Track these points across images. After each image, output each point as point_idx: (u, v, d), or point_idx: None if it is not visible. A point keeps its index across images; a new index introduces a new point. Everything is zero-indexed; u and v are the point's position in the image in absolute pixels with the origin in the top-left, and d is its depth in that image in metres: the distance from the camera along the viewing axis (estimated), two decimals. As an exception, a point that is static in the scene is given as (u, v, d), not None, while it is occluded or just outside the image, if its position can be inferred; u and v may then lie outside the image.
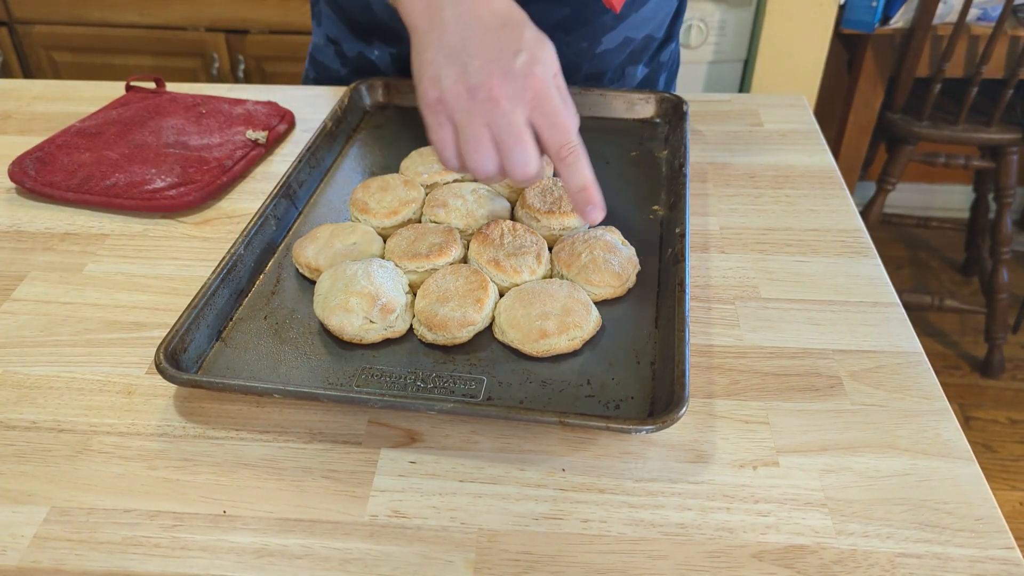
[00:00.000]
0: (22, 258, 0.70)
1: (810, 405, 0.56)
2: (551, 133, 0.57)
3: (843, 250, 0.71)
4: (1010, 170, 1.80)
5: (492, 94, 0.55)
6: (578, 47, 0.90)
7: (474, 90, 0.55)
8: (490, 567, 0.46)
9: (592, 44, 0.90)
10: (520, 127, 0.55)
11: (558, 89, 0.58)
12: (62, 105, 0.95)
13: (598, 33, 0.90)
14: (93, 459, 0.53)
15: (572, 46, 0.89)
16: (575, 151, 0.57)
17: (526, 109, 0.56)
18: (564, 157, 0.57)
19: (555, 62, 0.58)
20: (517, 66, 0.56)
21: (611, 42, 0.91)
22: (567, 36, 0.88)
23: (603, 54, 0.92)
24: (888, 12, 1.69)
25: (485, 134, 0.56)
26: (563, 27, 0.87)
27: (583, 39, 0.89)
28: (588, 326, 0.58)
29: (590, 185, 0.58)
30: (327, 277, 0.62)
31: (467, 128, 0.56)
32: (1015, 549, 0.47)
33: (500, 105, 0.55)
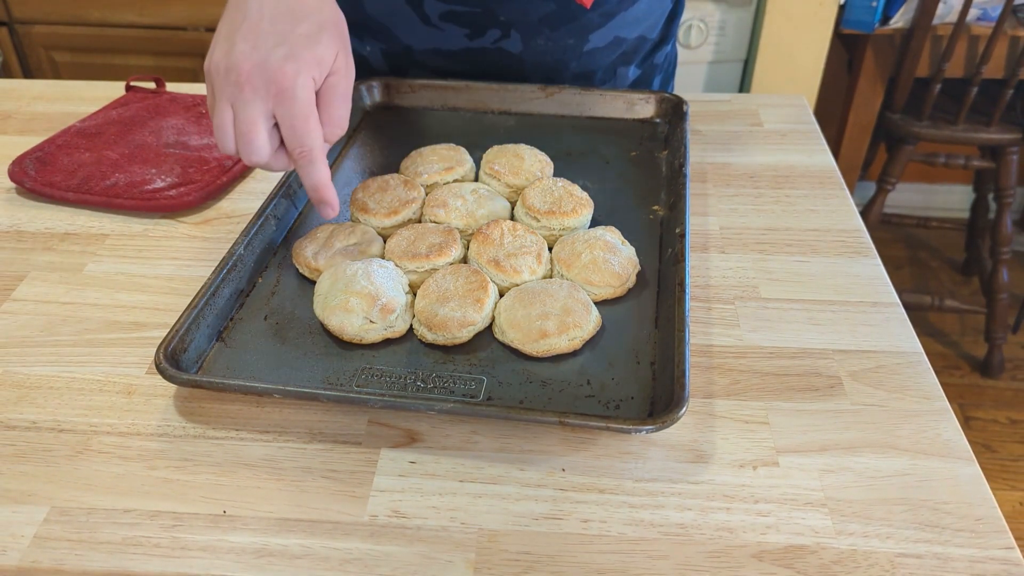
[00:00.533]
0: (22, 258, 0.70)
1: (810, 405, 0.56)
2: (288, 133, 0.58)
3: (843, 250, 0.71)
4: (1010, 170, 1.80)
5: (239, 79, 0.57)
6: (564, 43, 0.90)
7: (228, 71, 0.57)
8: (490, 567, 0.46)
9: (579, 42, 0.91)
10: (254, 116, 0.57)
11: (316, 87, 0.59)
12: (62, 105, 0.95)
13: (584, 31, 0.90)
14: (93, 459, 0.53)
15: (558, 43, 0.90)
16: (308, 155, 0.59)
17: (268, 102, 0.57)
18: (297, 159, 0.59)
19: (328, 60, 0.59)
20: (272, 58, 0.57)
21: (599, 40, 0.91)
22: (553, 32, 0.89)
23: (592, 52, 0.92)
24: (888, 12, 1.69)
25: (227, 112, 0.58)
26: (548, 23, 0.88)
27: (569, 36, 0.90)
28: (588, 326, 0.58)
29: (322, 187, 0.60)
30: (327, 277, 0.62)
31: (216, 104, 0.58)
32: (1015, 549, 0.47)
33: (243, 91, 0.57)
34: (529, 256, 0.64)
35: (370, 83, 0.90)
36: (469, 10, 0.87)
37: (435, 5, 0.87)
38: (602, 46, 0.92)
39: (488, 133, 0.85)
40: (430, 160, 0.76)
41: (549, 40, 0.89)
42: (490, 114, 0.89)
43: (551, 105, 0.88)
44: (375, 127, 0.88)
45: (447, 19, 0.88)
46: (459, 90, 0.89)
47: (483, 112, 0.89)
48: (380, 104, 0.91)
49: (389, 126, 0.88)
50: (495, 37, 0.89)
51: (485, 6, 0.87)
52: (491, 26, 0.89)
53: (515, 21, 0.88)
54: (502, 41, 0.90)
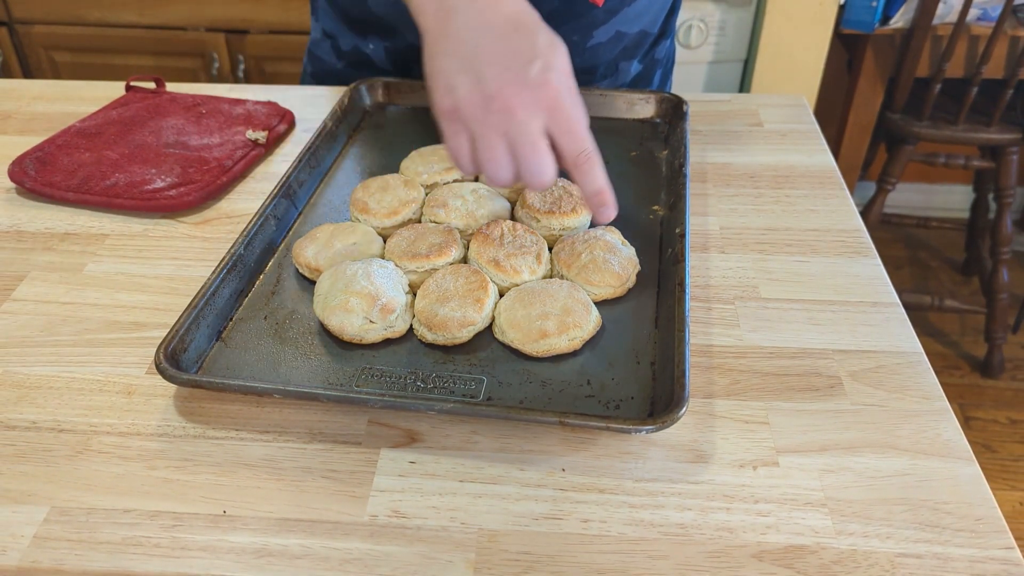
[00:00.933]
0: (22, 258, 0.70)
1: (810, 405, 0.56)
2: (566, 140, 0.57)
3: (843, 250, 0.71)
4: (1010, 170, 1.80)
5: (507, 104, 0.55)
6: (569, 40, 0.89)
7: (489, 100, 0.55)
8: (490, 567, 0.46)
9: (583, 38, 0.90)
10: (536, 136, 0.55)
11: (571, 92, 0.58)
12: (62, 105, 0.95)
13: (589, 27, 0.90)
14: (93, 459, 0.53)
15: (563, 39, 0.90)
16: (591, 158, 0.57)
17: (542, 118, 0.56)
18: (580, 164, 0.57)
19: (568, 65, 0.58)
20: (532, 74, 0.55)
21: (602, 36, 0.91)
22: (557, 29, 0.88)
23: (595, 48, 0.92)
24: (888, 12, 1.69)
25: (501, 144, 0.55)
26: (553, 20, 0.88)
27: (574, 32, 0.90)
28: (588, 326, 0.58)
29: (605, 190, 0.59)
30: (327, 277, 0.62)
31: (483, 138, 0.56)
32: (1015, 549, 0.47)
33: (516, 115, 0.55)
34: (529, 256, 0.64)
35: (370, 83, 0.90)
36: None
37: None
38: (604, 41, 0.92)
39: (488, 133, 0.85)
40: (430, 160, 0.76)
41: None
42: (490, 114, 0.89)
43: (551, 105, 0.88)
44: (375, 127, 0.88)
45: None
46: (459, 90, 0.89)
47: (483, 112, 0.89)
48: (380, 104, 0.91)
49: (389, 126, 0.88)
50: None
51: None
52: None
53: None
54: None
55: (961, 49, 1.70)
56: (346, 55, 0.97)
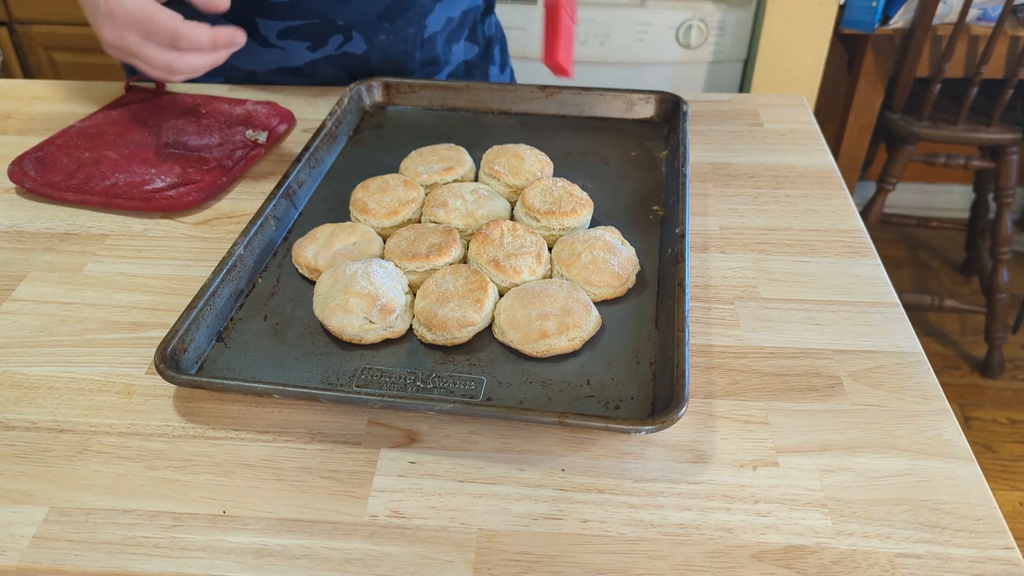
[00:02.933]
0: (22, 258, 0.70)
1: (810, 405, 0.56)
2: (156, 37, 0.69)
3: (843, 250, 0.70)
4: (1010, 170, 1.80)
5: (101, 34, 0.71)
6: (405, 33, 0.93)
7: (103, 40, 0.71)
8: (490, 567, 0.46)
9: (418, 29, 0.93)
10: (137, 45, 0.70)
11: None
12: (62, 105, 0.95)
13: (420, 17, 0.92)
14: (93, 459, 0.53)
15: (399, 34, 0.93)
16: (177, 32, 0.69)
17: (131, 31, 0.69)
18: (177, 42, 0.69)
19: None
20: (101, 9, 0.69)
21: (435, 24, 0.94)
22: (392, 25, 0.92)
23: (431, 38, 0.94)
24: (888, 12, 1.69)
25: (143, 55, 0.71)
26: (387, 16, 0.90)
27: (409, 25, 0.92)
28: (588, 326, 0.58)
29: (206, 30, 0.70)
30: (327, 277, 0.62)
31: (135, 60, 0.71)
32: (1015, 549, 0.47)
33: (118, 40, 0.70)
34: (529, 256, 0.64)
35: (370, 83, 0.90)
36: (306, 23, 0.88)
37: (270, 25, 0.88)
38: (438, 30, 0.95)
39: (488, 133, 0.85)
40: (430, 160, 0.76)
41: (391, 34, 0.91)
42: (490, 114, 0.89)
43: (551, 105, 0.88)
44: (375, 127, 0.88)
45: (286, 36, 0.90)
46: (459, 90, 0.89)
47: (483, 112, 0.89)
48: (380, 104, 0.91)
49: (389, 126, 0.88)
50: (338, 43, 0.91)
51: (322, 15, 0.88)
52: (332, 33, 0.90)
53: (355, 22, 0.89)
54: (345, 45, 0.92)
55: (961, 49, 1.70)
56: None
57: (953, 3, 1.63)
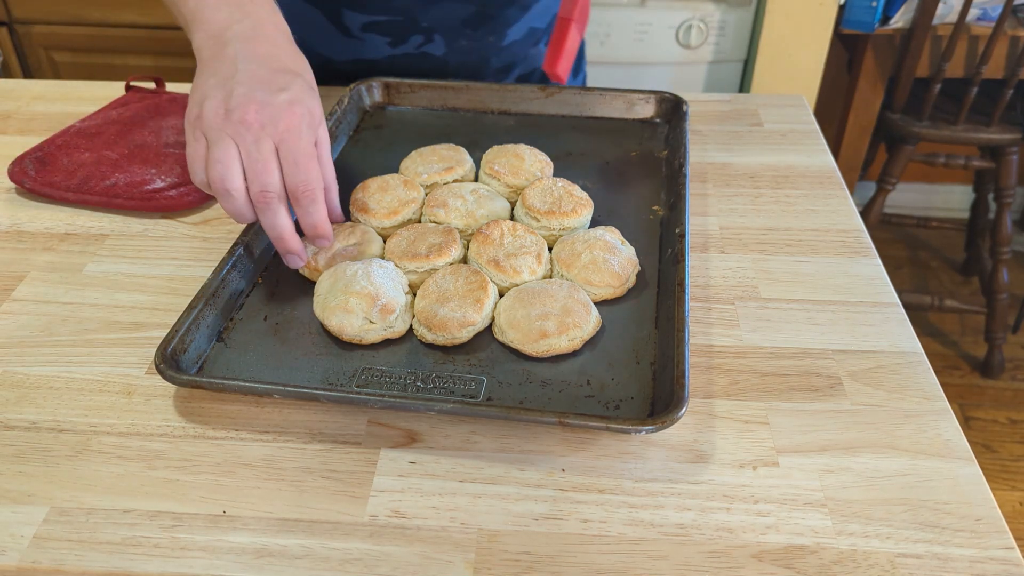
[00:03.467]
0: (22, 258, 0.70)
1: (810, 405, 0.56)
2: (292, 170, 0.59)
3: (843, 250, 0.70)
4: (1010, 170, 1.80)
5: (245, 117, 0.57)
6: (485, 42, 0.92)
7: (231, 112, 0.58)
8: (490, 567, 0.46)
9: (498, 38, 0.93)
10: (267, 153, 0.58)
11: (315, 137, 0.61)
12: (62, 105, 0.95)
13: (503, 27, 0.92)
14: (93, 459, 0.53)
15: (480, 41, 0.92)
16: (310, 193, 0.59)
17: (273, 140, 0.58)
18: (299, 197, 0.59)
19: (318, 114, 0.62)
20: (277, 101, 0.59)
21: (516, 34, 0.93)
22: (474, 32, 0.91)
23: (510, 46, 0.94)
24: (888, 12, 1.69)
25: (233, 152, 0.58)
26: (470, 24, 0.90)
27: (490, 33, 0.92)
28: (588, 326, 0.58)
29: (320, 226, 0.61)
30: (327, 277, 0.62)
31: (215, 144, 0.58)
32: (1015, 549, 0.47)
33: (252, 129, 0.58)
34: (529, 256, 0.64)
35: (370, 83, 0.90)
36: (390, 19, 0.88)
37: (355, 17, 0.88)
38: (519, 39, 0.94)
39: (488, 133, 0.85)
40: (430, 160, 0.76)
41: (472, 40, 0.91)
42: (490, 114, 0.89)
43: (551, 105, 0.88)
44: (375, 127, 0.88)
45: (368, 30, 0.90)
46: (459, 90, 0.89)
47: (483, 112, 0.89)
48: (380, 104, 0.91)
49: (389, 126, 0.88)
50: (418, 43, 0.91)
51: (407, 14, 0.88)
52: (413, 32, 0.90)
53: (437, 25, 0.89)
54: (425, 46, 0.91)
55: (961, 49, 1.70)
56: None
57: (953, 3, 1.63)
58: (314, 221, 0.61)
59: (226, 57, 0.61)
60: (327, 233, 0.62)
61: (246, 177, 0.58)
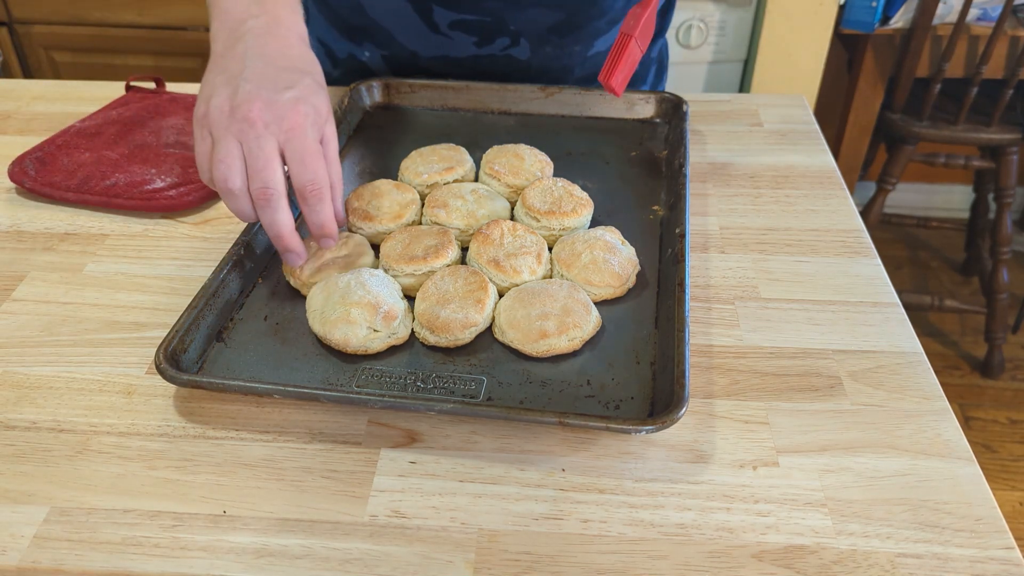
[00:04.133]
0: (22, 258, 0.70)
1: (810, 405, 0.56)
2: (298, 168, 0.58)
3: (843, 250, 0.71)
4: (1010, 170, 1.80)
5: (250, 116, 0.57)
6: (571, 50, 0.91)
7: (235, 109, 0.58)
8: (490, 567, 0.46)
9: (584, 48, 0.91)
10: (269, 151, 0.57)
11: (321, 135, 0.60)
12: (62, 105, 0.95)
13: (590, 37, 0.91)
14: (93, 459, 0.53)
15: (565, 49, 0.91)
16: (318, 191, 0.59)
17: (279, 138, 0.58)
18: (306, 195, 0.59)
19: (324, 111, 0.61)
20: (282, 99, 0.58)
21: (603, 45, 0.92)
22: (561, 40, 0.90)
23: (595, 57, 0.93)
24: (888, 12, 1.69)
25: (235, 148, 0.57)
26: (557, 31, 0.89)
27: (576, 43, 0.91)
28: (588, 326, 0.58)
29: (327, 225, 0.61)
30: (319, 292, 0.61)
31: (220, 141, 0.57)
32: (1015, 549, 0.47)
33: (255, 127, 0.57)
34: (529, 256, 0.64)
35: (370, 83, 0.90)
36: (479, 19, 0.88)
37: (445, 14, 0.88)
38: (604, 50, 0.93)
39: (488, 133, 0.85)
40: (430, 160, 0.76)
41: (557, 47, 0.90)
42: (490, 114, 0.89)
43: (551, 105, 0.88)
44: (375, 127, 0.88)
45: (456, 27, 0.89)
46: (459, 90, 0.90)
47: (483, 112, 0.89)
48: (380, 104, 0.91)
49: (389, 126, 0.88)
50: (504, 45, 0.90)
51: (495, 15, 0.87)
52: (500, 34, 0.89)
53: (524, 30, 0.89)
54: (511, 49, 0.90)
55: (961, 49, 1.70)
56: (342, 63, 0.97)
57: (953, 3, 1.63)
58: (321, 220, 0.60)
59: (236, 54, 0.61)
60: (333, 232, 0.61)
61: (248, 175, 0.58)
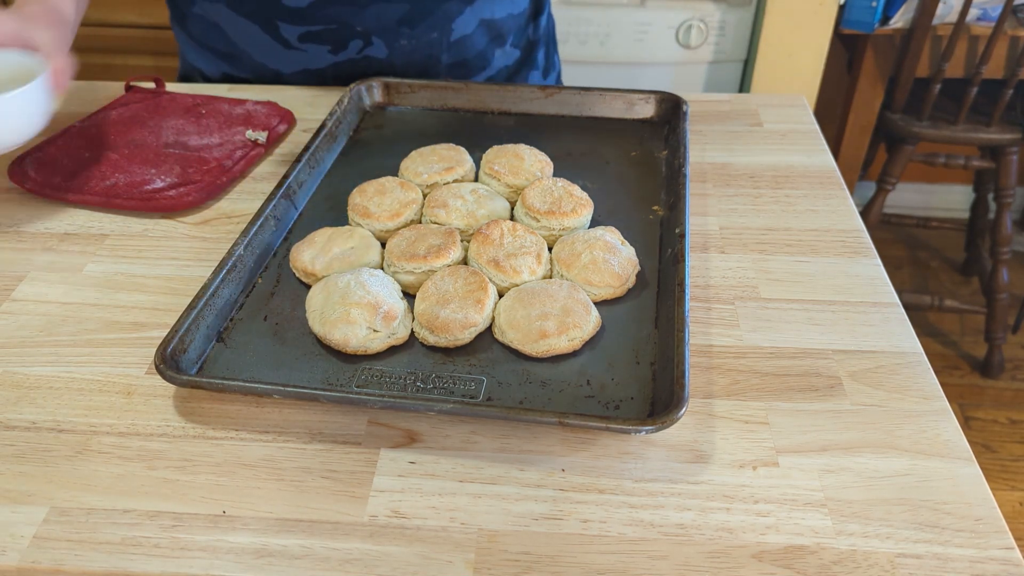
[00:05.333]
0: (22, 258, 0.70)
1: (810, 405, 0.56)
2: None
3: (843, 250, 0.70)
4: (1010, 170, 1.80)
5: None
6: (428, 38, 0.91)
7: None
8: (490, 567, 0.46)
9: (443, 33, 0.91)
10: None
11: None
12: (62, 105, 0.95)
13: (446, 21, 0.90)
14: (93, 459, 0.53)
15: (422, 39, 0.91)
16: None
17: None
18: None
19: None
20: None
21: (465, 28, 0.92)
22: (413, 31, 0.90)
23: (461, 41, 0.92)
24: (888, 12, 1.69)
25: None
26: (407, 23, 0.89)
27: (432, 29, 0.91)
28: (588, 326, 0.58)
29: None
30: (318, 292, 0.61)
31: None
32: (1015, 549, 0.47)
33: None
34: (529, 256, 0.64)
35: (370, 83, 0.90)
36: (325, 27, 0.89)
37: (291, 29, 0.89)
38: (470, 32, 0.92)
39: (488, 133, 0.85)
40: (430, 160, 0.76)
41: (412, 39, 0.90)
42: (490, 114, 0.89)
43: (551, 105, 0.88)
44: (375, 127, 0.88)
45: (307, 40, 0.90)
46: (459, 90, 0.90)
47: (483, 112, 0.89)
48: (380, 104, 0.91)
49: (389, 126, 0.88)
50: (358, 47, 0.91)
51: (340, 20, 0.88)
52: (351, 38, 0.90)
53: (374, 28, 0.89)
54: (367, 50, 0.91)
55: (961, 49, 1.70)
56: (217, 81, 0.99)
57: (953, 3, 1.63)
58: None
59: None
60: None
61: None
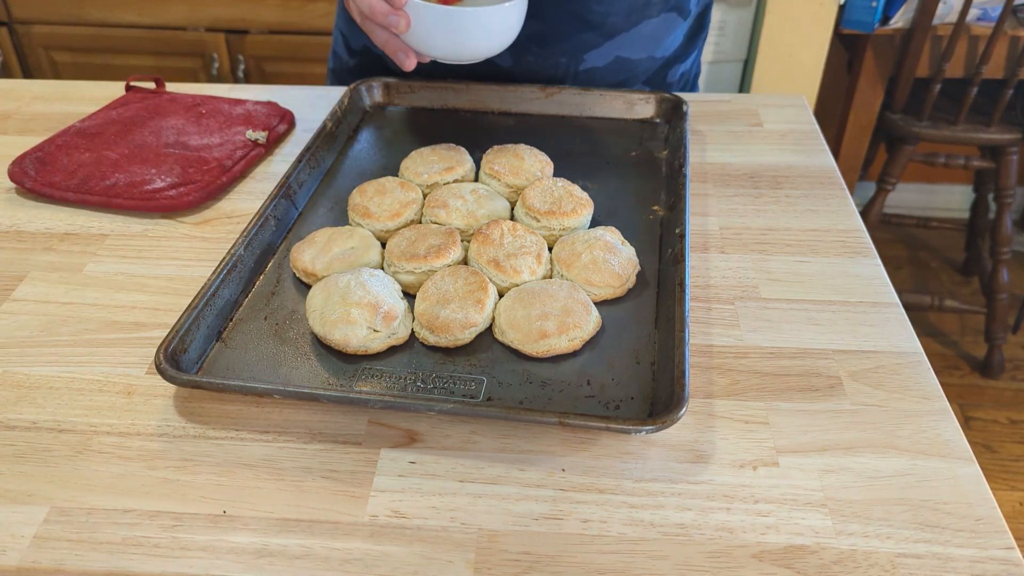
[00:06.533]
0: (22, 258, 0.70)
1: (810, 405, 0.56)
2: None
3: (843, 250, 0.71)
4: (1010, 170, 1.80)
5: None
6: (556, 61, 0.90)
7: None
8: (490, 567, 0.46)
9: (572, 60, 0.90)
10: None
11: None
12: (62, 105, 0.95)
13: (578, 50, 0.89)
14: (93, 459, 0.53)
15: (548, 60, 0.90)
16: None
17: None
18: None
19: None
20: None
21: (597, 60, 0.90)
22: (540, 50, 0.89)
23: (590, 72, 0.91)
24: (888, 12, 1.69)
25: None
26: (536, 41, 0.88)
27: (561, 54, 0.89)
28: (588, 326, 0.58)
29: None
30: (318, 292, 0.61)
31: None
32: (1015, 549, 0.47)
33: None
34: (529, 256, 0.64)
35: (370, 83, 0.90)
36: None
37: None
38: (601, 66, 0.91)
39: (488, 133, 0.85)
40: (430, 160, 0.76)
41: (538, 57, 0.89)
42: (490, 114, 0.89)
43: (551, 105, 0.88)
44: (375, 127, 0.88)
45: None
46: (459, 90, 0.90)
47: (483, 112, 0.89)
48: (380, 104, 0.91)
49: (389, 126, 0.88)
50: None
51: None
52: None
53: None
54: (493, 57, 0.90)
55: (961, 49, 1.70)
56: (357, 53, 0.98)
57: (953, 3, 1.63)
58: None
59: None
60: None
61: None
